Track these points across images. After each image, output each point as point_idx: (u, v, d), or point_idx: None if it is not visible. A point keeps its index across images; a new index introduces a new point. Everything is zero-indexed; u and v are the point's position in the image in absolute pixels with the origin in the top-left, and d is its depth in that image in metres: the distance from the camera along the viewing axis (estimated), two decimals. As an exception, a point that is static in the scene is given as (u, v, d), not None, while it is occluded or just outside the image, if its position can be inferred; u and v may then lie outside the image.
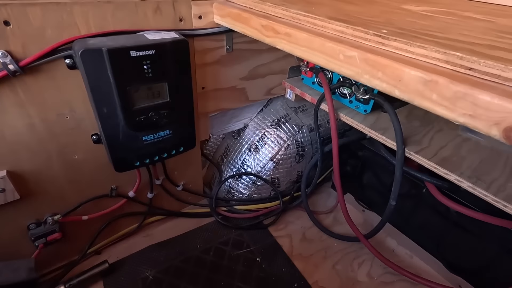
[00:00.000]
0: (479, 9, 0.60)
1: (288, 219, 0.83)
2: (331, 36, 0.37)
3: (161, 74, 0.48)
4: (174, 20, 0.53)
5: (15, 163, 0.49)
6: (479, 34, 0.36)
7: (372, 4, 0.54)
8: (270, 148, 0.81)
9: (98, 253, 0.69)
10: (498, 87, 0.25)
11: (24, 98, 0.45)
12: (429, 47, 0.29)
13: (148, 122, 0.51)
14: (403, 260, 0.73)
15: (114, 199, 0.65)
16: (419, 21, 0.41)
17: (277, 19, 0.45)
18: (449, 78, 0.27)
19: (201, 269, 0.67)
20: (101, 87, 0.45)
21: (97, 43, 0.42)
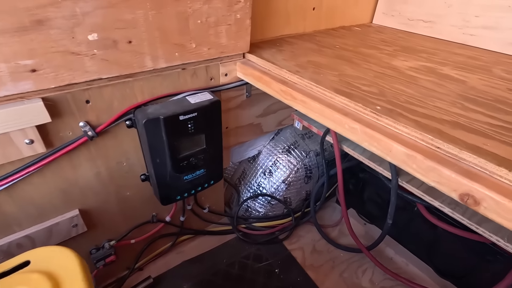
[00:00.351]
0: (457, 57, 0.72)
1: (300, 233, 0.95)
2: (338, 107, 0.49)
3: (200, 128, 0.60)
4: (206, 80, 0.65)
5: (84, 203, 0.61)
6: (449, 106, 0.48)
7: (367, 62, 0.65)
8: (282, 172, 0.93)
9: (140, 270, 0.81)
10: (456, 163, 0.37)
11: (95, 154, 0.57)
12: (410, 127, 0.41)
13: (189, 165, 0.63)
14: (400, 267, 0.85)
15: (154, 224, 0.77)
16: (405, 89, 0.53)
17: (294, 86, 0.57)
18: (423, 155, 0.38)
19: (228, 282, 0.79)
20: (156, 143, 0.56)
21: (153, 112, 0.54)
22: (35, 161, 0.50)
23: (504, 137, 0.40)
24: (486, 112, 0.47)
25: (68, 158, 0.54)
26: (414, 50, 0.76)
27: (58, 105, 0.48)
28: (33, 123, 0.45)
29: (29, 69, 0.41)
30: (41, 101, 0.45)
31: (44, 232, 0.57)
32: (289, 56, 0.67)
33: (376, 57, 0.69)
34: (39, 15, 0.39)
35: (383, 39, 0.85)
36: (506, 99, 0.52)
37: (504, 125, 0.43)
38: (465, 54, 0.76)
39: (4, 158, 0.46)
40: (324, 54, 0.70)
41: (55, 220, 0.58)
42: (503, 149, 0.37)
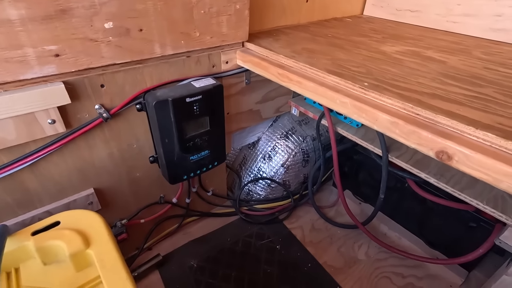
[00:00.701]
0: (441, 43, 0.78)
1: (299, 213, 1.00)
2: (330, 85, 0.55)
3: (204, 111, 0.65)
4: (208, 67, 0.70)
5: (98, 182, 0.66)
6: (429, 82, 0.53)
7: (357, 48, 0.71)
8: (281, 156, 0.98)
9: (149, 249, 0.86)
10: (433, 126, 0.43)
11: (108, 135, 0.62)
12: (393, 98, 0.47)
13: (195, 146, 0.68)
14: (393, 241, 0.91)
15: (162, 205, 0.82)
16: (390, 68, 0.59)
17: (290, 69, 0.62)
18: (404, 121, 0.44)
19: (233, 258, 0.84)
20: (165, 124, 0.61)
21: (162, 95, 0.59)
22: (56, 140, 0.54)
23: (475, 104, 0.46)
24: (462, 86, 0.52)
25: (85, 139, 0.59)
26: (401, 37, 0.82)
27: (76, 88, 0.53)
28: (55, 104, 0.50)
29: (53, 53, 0.46)
30: (62, 84, 0.49)
31: (62, 208, 0.62)
32: (285, 44, 0.72)
33: (365, 44, 0.75)
34: (63, 5, 0.44)
35: (373, 28, 0.90)
36: (481, 75, 0.57)
37: (477, 95, 0.49)
38: (448, 39, 0.82)
39: (30, 136, 0.51)
40: (318, 42, 0.75)
41: (73, 198, 0.63)
42: (473, 113, 0.43)
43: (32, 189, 0.57)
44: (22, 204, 0.57)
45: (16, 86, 0.46)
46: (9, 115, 0.47)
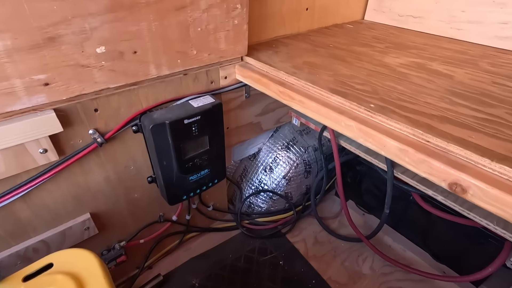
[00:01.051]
0: (445, 52, 0.76)
1: (302, 226, 0.98)
2: (334, 106, 0.52)
3: (204, 131, 0.63)
4: (207, 83, 0.67)
5: (95, 206, 0.64)
6: (437, 102, 0.51)
7: (360, 60, 0.68)
8: (282, 168, 0.96)
9: (150, 268, 0.84)
10: (445, 155, 0.40)
11: (104, 159, 0.59)
12: (402, 123, 0.45)
13: (194, 166, 0.66)
14: (398, 253, 0.89)
15: (161, 224, 0.80)
16: (396, 86, 0.56)
17: (291, 86, 0.59)
18: (414, 149, 0.42)
19: (236, 275, 0.82)
20: (162, 147, 0.59)
21: (159, 117, 0.57)
22: (49, 169, 0.52)
23: (487, 129, 0.44)
24: (472, 106, 0.50)
25: (79, 165, 0.56)
26: (404, 46, 0.79)
27: (68, 115, 0.50)
28: (46, 133, 0.48)
29: (42, 83, 0.44)
30: (54, 112, 0.47)
31: (58, 236, 0.60)
32: (285, 57, 0.70)
33: (368, 55, 0.72)
34: (51, 32, 0.41)
35: (375, 36, 0.88)
36: (490, 92, 0.55)
37: (488, 118, 0.47)
38: (453, 48, 0.79)
39: (20, 168, 0.48)
40: (318, 54, 0.73)
41: (68, 224, 0.61)
42: (486, 140, 0.41)
43: (24, 219, 0.55)
44: (15, 234, 0.55)
45: (3, 118, 0.44)
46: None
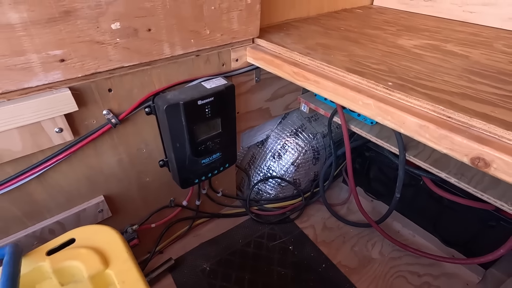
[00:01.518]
0: (459, 35, 0.75)
1: (310, 212, 0.99)
2: (351, 85, 0.52)
3: (216, 113, 0.62)
4: (218, 66, 0.66)
5: (108, 189, 0.63)
6: (456, 80, 0.50)
7: (373, 42, 0.67)
8: (291, 154, 0.96)
9: (161, 253, 0.84)
10: (467, 130, 0.40)
11: (117, 141, 0.59)
12: (422, 100, 0.44)
13: (206, 149, 0.65)
14: (407, 239, 0.90)
15: (172, 209, 0.80)
16: (413, 65, 0.56)
17: (305, 67, 0.59)
18: (435, 124, 0.41)
19: (245, 260, 0.83)
20: (176, 128, 0.58)
21: (173, 98, 0.56)
22: (64, 149, 0.52)
23: (510, 105, 0.43)
24: (492, 84, 0.50)
25: (93, 146, 0.56)
26: (417, 29, 0.78)
27: (83, 94, 0.50)
28: (62, 112, 0.47)
29: (58, 59, 0.43)
30: (69, 91, 0.46)
31: (72, 218, 0.60)
32: (298, 39, 0.69)
33: (381, 37, 0.71)
34: (67, 5, 0.40)
35: (385, 20, 0.87)
36: (509, 71, 0.55)
37: (509, 94, 0.46)
38: (466, 31, 0.78)
39: (36, 147, 0.48)
40: (331, 36, 0.72)
41: (82, 206, 0.61)
42: (510, 115, 0.40)
43: (40, 199, 0.55)
44: (30, 215, 0.55)
45: (20, 95, 0.43)
46: (14, 125, 0.44)
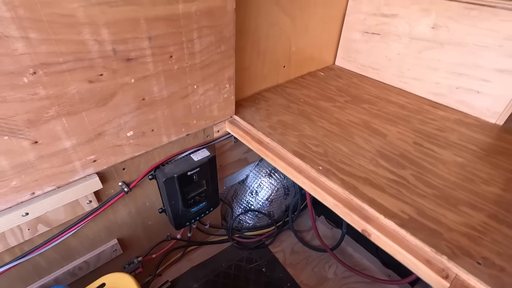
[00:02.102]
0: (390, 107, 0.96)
1: (282, 238, 1.20)
2: (295, 166, 0.73)
3: (202, 177, 0.83)
4: (204, 137, 0.87)
5: (120, 233, 0.84)
6: (367, 164, 0.72)
7: (321, 118, 0.89)
8: (265, 191, 1.17)
9: (159, 275, 1.05)
10: (361, 211, 0.62)
11: (127, 201, 0.80)
12: (337, 184, 0.66)
13: (195, 201, 0.87)
14: (357, 261, 1.12)
15: (168, 241, 1.01)
16: (342, 147, 0.77)
17: (267, 145, 0.80)
18: (343, 204, 0.63)
19: (228, 280, 1.04)
20: (172, 192, 0.80)
21: (169, 171, 0.77)
22: (91, 212, 0.73)
23: (392, 190, 0.65)
24: (390, 168, 0.72)
25: (111, 207, 0.77)
26: (360, 100, 1.00)
27: (105, 175, 0.71)
28: (92, 191, 0.68)
29: (92, 160, 0.64)
30: (97, 177, 0.67)
31: (95, 257, 0.81)
32: (265, 115, 0.90)
33: (329, 112, 0.93)
34: (99, 129, 0.61)
35: (339, 87, 1.08)
36: (408, 152, 0.77)
37: (396, 179, 0.68)
38: (398, 102, 1.00)
39: (74, 214, 0.69)
40: (291, 111, 0.93)
41: (102, 248, 0.82)
42: (388, 200, 0.62)
43: (73, 247, 0.75)
44: (65, 258, 0.76)
45: (66, 185, 0.64)
46: (61, 204, 0.64)
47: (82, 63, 0.53)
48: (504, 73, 0.82)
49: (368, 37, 1.10)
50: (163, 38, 0.60)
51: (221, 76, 0.77)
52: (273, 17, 0.89)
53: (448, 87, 0.95)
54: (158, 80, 0.65)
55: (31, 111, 0.51)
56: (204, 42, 0.67)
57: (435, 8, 0.89)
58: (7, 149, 0.52)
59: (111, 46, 0.54)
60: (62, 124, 0.56)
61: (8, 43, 0.44)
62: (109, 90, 0.58)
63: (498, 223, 0.58)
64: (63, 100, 0.54)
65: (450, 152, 0.77)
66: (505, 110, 0.86)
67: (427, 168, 0.72)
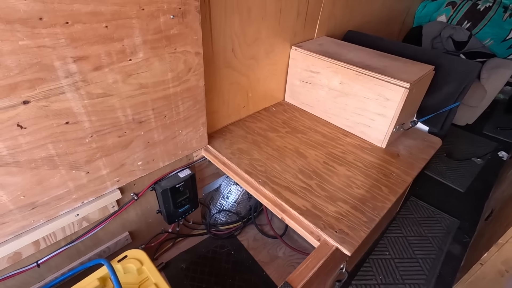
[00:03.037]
0: (316, 136, 1.41)
1: (247, 230, 1.62)
2: (247, 180, 1.15)
3: (186, 188, 1.24)
4: (186, 161, 1.28)
5: (130, 228, 1.24)
6: (290, 177, 1.15)
7: (267, 146, 1.32)
8: (234, 196, 1.59)
9: (156, 259, 1.45)
10: (281, 206, 1.05)
11: (136, 205, 1.19)
12: (270, 192, 1.08)
13: (181, 204, 1.27)
14: (301, 244, 1.55)
15: (163, 234, 1.41)
16: (277, 167, 1.20)
17: (229, 166, 1.22)
18: (273, 204, 1.06)
19: (206, 261, 1.45)
20: (166, 199, 1.20)
21: (164, 185, 1.18)
22: (113, 213, 1.12)
23: (301, 194, 1.08)
24: (303, 179, 1.15)
25: (125, 210, 1.16)
26: (297, 131, 1.44)
27: (123, 189, 1.10)
28: (115, 199, 1.07)
29: (116, 181, 1.03)
30: (118, 190, 1.07)
31: (113, 244, 1.20)
32: (228, 144, 1.32)
33: (273, 140, 1.36)
34: (122, 162, 1.01)
35: (284, 120, 1.52)
36: (318, 169, 1.21)
37: (305, 187, 1.11)
38: (323, 131, 1.45)
39: (103, 214, 1.08)
40: (247, 140, 1.35)
41: (118, 238, 1.21)
42: (297, 200, 1.05)
43: (100, 236, 1.14)
44: (96, 244, 1.14)
45: (100, 196, 1.03)
46: (97, 208, 1.04)
47: (115, 127, 0.93)
48: (381, 116, 1.28)
49: (304, 84, 1.54)
50: (161, 107, 1.01)
51: (197, 122, 1.18)
52: (233, 78, 1.31)
53: (353, 122, 1.41)
54: (157, 130, 1.06)
55: (88, 156, 0.91)
56: (185, 105, 1.09)
57: (340, 71, 1.35)
58: (73, 177, 0.91)
59: (131, 117, 0.95)
60: (102, 161, 0.95)
61: (79, 124, 0.84)
62: (128, 140, 0.99)
63: (355, 211, 1.03)
64: (104, 148, 0.94)
65: (344, 168, 1.22)
66: (384, 137, 1.32)
67: (326, 179, 1.16)
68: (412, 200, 1.92)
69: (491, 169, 2.26)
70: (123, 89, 0.88)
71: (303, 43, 1.54)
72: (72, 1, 0.68)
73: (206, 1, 1.01)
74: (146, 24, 0.83)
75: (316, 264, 0.86)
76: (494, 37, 2.41)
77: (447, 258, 1.58)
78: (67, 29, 0.70)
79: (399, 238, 1.67)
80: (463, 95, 1.39)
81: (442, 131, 1.49)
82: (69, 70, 0.75)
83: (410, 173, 1.20)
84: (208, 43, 1.11)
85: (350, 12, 1.76)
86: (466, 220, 1.81)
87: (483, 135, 2.66)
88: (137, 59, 0.86)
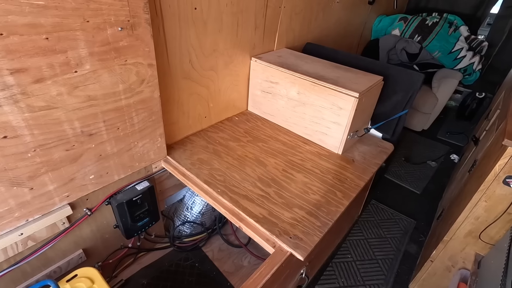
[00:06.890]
0: (277, 145, 1.44)
1: (212, 241, 1.61)
2: (205, 190, 1.15)
3: (144, 201, 1.22)
4: (145, 173, 1.26)
5: (85, 245, 1.18)
6: (249, 186, 1.17)
7: (228, 155, 1.33)
8: (198, 207, 1.58)
9: (115, 277, 1.38)
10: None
11: (90, 221, 1.15)
12: (228, 201, 1.09)
13: (140, 218, 1.24)
14: (265, 253, 1.56)
15: (122, 250, 1.36)
16: (236, 175, 1.21)
17: (188, 177, 1.21)
18: (231, 214, 1.06)
19: (169, 275, 1.41)
20: (122, 212, 1.16)
21: (120, 199, 1.14)
22: (64, 230, 1.06)
23: (259, 201, 1.10)
24: (262, 187, 1.17)
25: (78, 226, 1.11)
26: (258, 140, 1.46)
27: (75, 204, 1.05)
28: (65, 215, 1.03)
29: (66, 196, 0.99)
30: (69, 206, 1.02)
31: (65, 263, 1.14)
32: (189, 155, 1.32)
33: (234, 150, 1.37)
34: (72, 176, 0.97)
35: (246, 130, 1.54)
36: (276, 177, 1.23)
37: (264, 194, 1.14)
38: (283, 140, 1.49)
39: (52, 232, 1.02)
40: (208, 150, 1.36)
41: (71, 256, 1.15)
42: (255, 208, 1.07)
43: (50, 256, 1.08)
44: (44, 264, 1.08)
45: (48, 212, 0.98)
46: (44, 226, 0.98)
47: (62, 141, 0.90)
48: (336, 124, 1.35)
49: (265, 94, 1.58)
50: (113, 120, 0.99)
51: (154, 134, 1.17)
52: (192, 89, 1.32)
53: (312, 130, 1.46)
54: (110, 143, 1.03)
55: (31, 171, 0.87)
56: (140, 116, 1.08)
57: (297, 82, 1.40)
58: (14, 194, 0.86)
59: (80, 129, 0.92)
60: (48, 176, 0.91)
61: (19, 138, 0.81)
62: (78, 153, 0.96)
63: (310, 216, 1.06)
64: (50, 163, 0.90)
65: (302, 175, 1.25)
66: (340, 144, 1.39)
67: (284, 186, 1.19)
68: (373, 203, 2.00)
69: (444, 171, 2.42)
70: (69, 102, 0.86)
71: (263, 54, 1.58)
72: (6, 12, 0.66)
73: (159, 14, 1.02)
74: (92, 36, 0.82)
75: (270, 271, 0.88)
76: (442, 49, 2.63)
77: (404, 258, 1.66)
78: (1, 40, 0.68)
79: (360, 240, 1.73)
80: (410, 103, 1.50)
81: (394, 136, 1.58)
82: (5, 83, 0.72)
83: (363, 178, 1.27)
84: (163, 55, 1.11)
85: (308, 26, 1.85)
86: (421, 220, 1.92)
87: (437, 140, 2.86)
88: (83, 71, 0.84)
